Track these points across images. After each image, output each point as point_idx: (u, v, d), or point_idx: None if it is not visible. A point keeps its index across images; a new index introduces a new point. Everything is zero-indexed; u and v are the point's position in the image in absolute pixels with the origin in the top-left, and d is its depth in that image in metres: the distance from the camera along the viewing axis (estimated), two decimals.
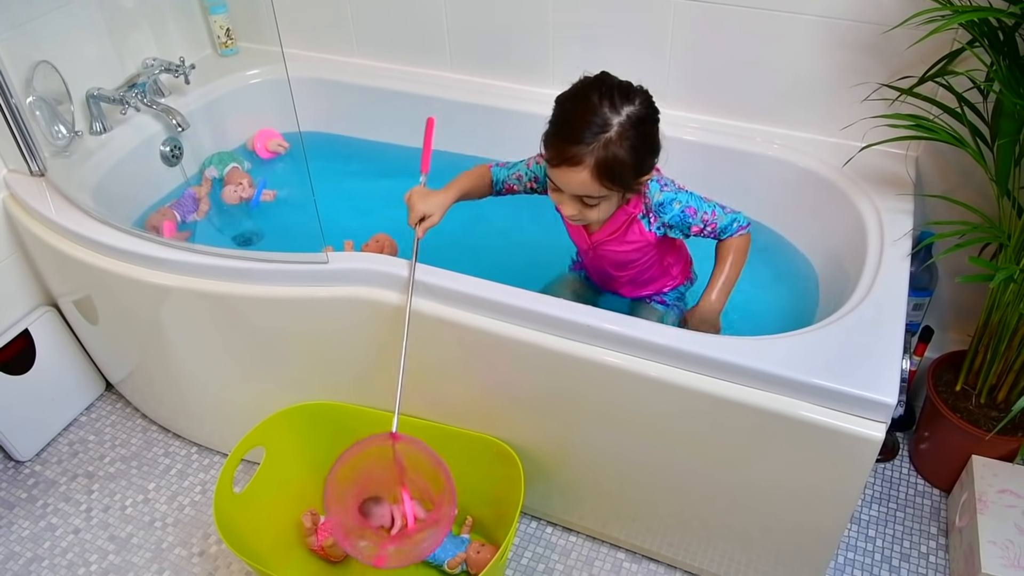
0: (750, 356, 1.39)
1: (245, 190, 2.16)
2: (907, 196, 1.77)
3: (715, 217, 1.56)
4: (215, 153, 2.27)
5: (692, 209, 1.55)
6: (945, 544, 1.84)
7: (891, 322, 1.46)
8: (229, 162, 2.24)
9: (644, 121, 1.41)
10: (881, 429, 1.34)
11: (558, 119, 1.43)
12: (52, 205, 1.83)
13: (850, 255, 1.73)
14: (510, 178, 1.71)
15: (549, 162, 1.43)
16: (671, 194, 1.55)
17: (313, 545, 1.78)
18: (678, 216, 1.55)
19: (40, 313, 2.07)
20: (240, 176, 2.19)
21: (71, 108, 1.94)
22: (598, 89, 1.40)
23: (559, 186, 1.46)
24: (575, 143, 1.37)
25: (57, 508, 1.98)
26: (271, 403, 1.79)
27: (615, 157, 1.38)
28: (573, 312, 1.48)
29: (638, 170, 1.44)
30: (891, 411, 1.33)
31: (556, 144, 1.41)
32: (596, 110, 1.37)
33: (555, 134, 1.42)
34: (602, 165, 1.38)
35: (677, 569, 1.80)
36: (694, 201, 1.56)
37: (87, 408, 2.25)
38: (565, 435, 1.66)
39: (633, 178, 1.45)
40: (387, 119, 2.34)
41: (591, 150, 1.37)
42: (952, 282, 2.00)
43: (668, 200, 1.54)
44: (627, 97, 1.40)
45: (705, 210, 1.56)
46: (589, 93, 1.40)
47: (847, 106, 1.88)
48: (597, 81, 1.42)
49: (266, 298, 1.66)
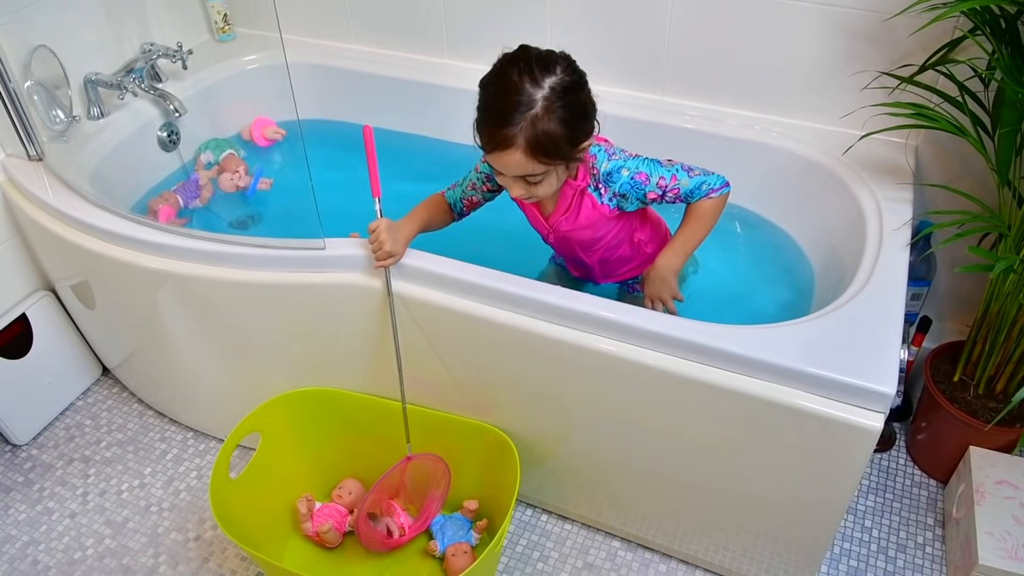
0: (747, 345, 1.38)
1: (242, 178, 2.15)
2: (906, 185, 1.76)
3: (676, 182, 1.51)
4: (211, 139, 2.26)
5: (643, 175, 1.50)
6: (942, 535, 1.84)
7: (890, 312, 1.46)
8: (225, 148, 2.23)
9: (569, 89, 1.37)
10: (879, 419, 1.33)
11: (483, 104, 1.40)
12: (50, 190, 1.82)
13: (848, 244, 1.72)
14: (465, 192, 1.68)
15: (484, 149, 1.41)
16: (619, 162, 1.51)
17: (308, 531, 1.78)
18: (628, 184, 1.51)
19: (37, 298, 2.06)
20: (236, 163, 2.19)
21: (69, 93, 1.94)
22: (516, 65, 1.36)
23: (499, 170, 1.44)
24: (503, 126, 1.35)
25: (54, 492, 1.99)
26: (267, 389, 1.79)
27: (545, 132, 1.35)
28: (570, 299, 1.48)
29: (573, 139, 1.41)
30: (890, 401, 1.33)
31: (486, 130, 1.39)
32: (518, 88, 1.34)
33: (483, 120, 1.39)
34: (533, 142, 1.35)
35: (672, 558, 1.80)
36: (645, 167, 1.51)
37: (83, 393, 2.25)
38: (561, 422, 1.66)
39: (570, 148, 1.41)
40: (385, 106, 2.33)
41: (520, 129, 1.34)
42: (950, 272, 2.00)
43: (616, 168, 1.51)
44: (547, 68, 1.36)
45: (662, 175, 1.51)
46: (509, 72, 1.36)
47: (847, 94, 1.87)
48: (515, 57, 1.38)
49: (262, 284, 1.66)
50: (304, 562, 1.78)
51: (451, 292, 1.56)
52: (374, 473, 1.87)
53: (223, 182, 2.14)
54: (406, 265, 1.57)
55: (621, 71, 2.06)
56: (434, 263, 1.56)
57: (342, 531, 1.80)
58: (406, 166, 2.29)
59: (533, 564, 1.79)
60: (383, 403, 1.75)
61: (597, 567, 1.78)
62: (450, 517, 1.80)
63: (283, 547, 1.80)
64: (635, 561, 1.79)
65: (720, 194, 1.55)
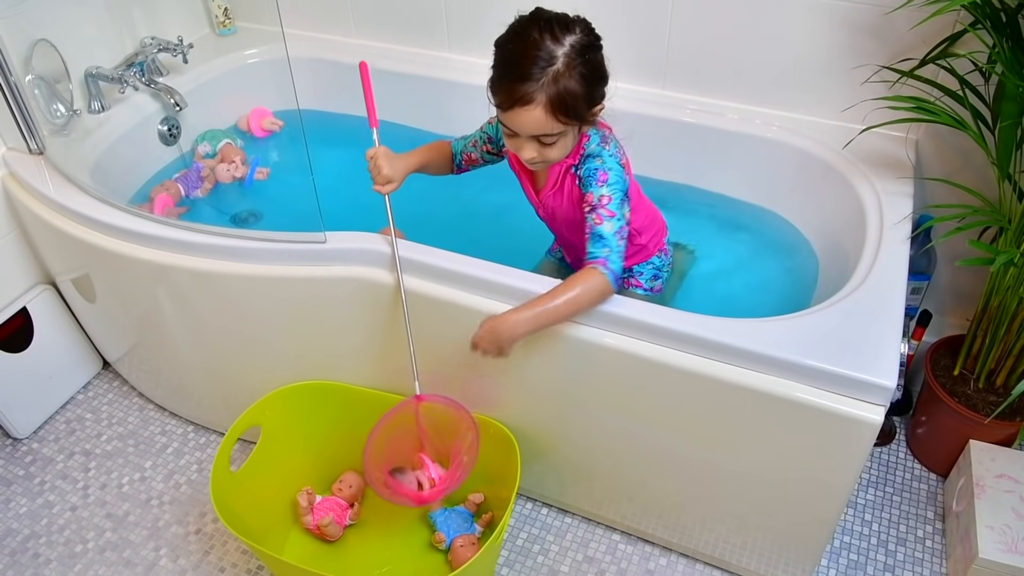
0: (748, 337, 1.38)
1: (238, 168, 2.15)
2: (907, 179, 1.76)
3: (609, 214, 1.42)
4: (207, 130, 2.27)
5: (605, 176, 1.45)
6: (942, 529, 1.84)
7: (890, 305, 1.46)
8: (222, 138, 2.23)
9: (589, 48, 1.37)
10: (880, 412, 1.34)
11: (501, 61, 1.39)
12: (50, 183, 1.82)
13: (849, 238, 1.73)
14: (467, 147, 1.68)
15: (500, 107, 1.39)
16: (603, 151, 1.48)
17: (308, 524, 1.78)
18: (591, 172, 1.47)
19: (38, 291, 2.06)
20: (234, 153, 2.18)
21: (70, 87, 1.94)
22: (536, 24, 1.36)
23: (514, 130, 1.40)
24: (524, 81, 1.33)
25: (54, 485, 1.99)
26: (268, 383, 1.79)
27: (567, 89, 1.34)
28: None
29: (590, 99, 1.40)
30: (891, 394, 1.33)
31: (504, 86, 1.36)
32: (539, 44, 1.33)
33: (501, 76, 1.37)
34: (555, 99, 1.34)
35: (673, 551, 1.80)
36: (614, 176, 1.45)
37: (84, 386, 2.25)
38: (560, 416, 1.66)
39: (587, 108, 1.41)
40: (386, 100, 2.31)
41: (541, 85, 1.33)
42: (950, 266, 2.00)
43: (595, 154, 1.48)
44: (567, 27, 1.36)
45: (612, 195, 1.44)
46: (528, 29, 1.36)
47: (847, 88, 1.87)
48: (534, 17, 1.38)
49: (263, 277, 1.66)
50: (305, 555, 1.79)
51: (449, 284, 1.56)
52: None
53: (220, 173, 2.14)
54: (403, 258, 1.57)
55: (621, 65, 2.01)
56: (431, 255, 1.56)
57: (343, 524, 1.80)
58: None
59: (533, 557, 1.79)
60: (384, 396, 1.75)
61: (597, 560, 1.79)
62: (453, 510, 1.80)
63: (284, 540, 1.80)
64: (635, 554, 1.80)
65: (605, 277, 1.40)
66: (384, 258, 1.59)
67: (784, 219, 2.01)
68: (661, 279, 1.81)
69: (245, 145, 2.29)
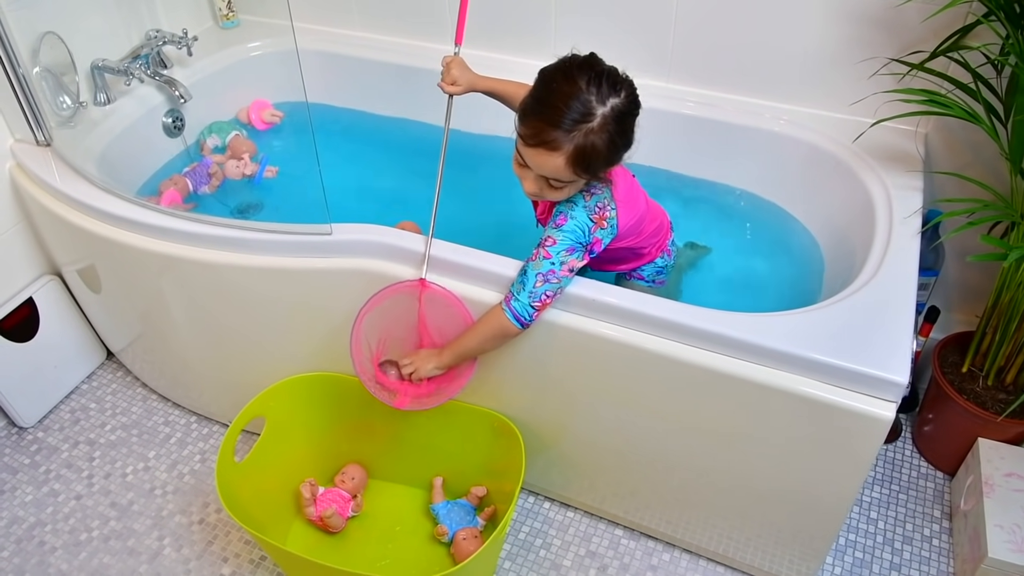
0: (756, 332, 1.37)
1: (248, 166, 2.14)
2: (916, 173, 1.74)
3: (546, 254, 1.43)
4: (213, 122, 2.26)
5: (563, 220, 1.45)
6: (949, 527, 1.83)
7: (901, 301, 1.45)
8: (230, 131, 2.23)
9: (626, 115, 1.36)
10: (891, 408, 1.33)
11: (540, 97, 1.37)
12: (57, 175, 1.82)
13: (858, 232, 1.71)
14: None
15: (524, 139, 1.37)
16: (581, 200, 1.46)
17: (311, 516, 1.78)
18: (557, 212, 1.47)
19: (44, 282, 2.07)
20: (244, 145, 2.18)
21: (76, 79, 1.93)
22: (587, 73, 1.34)
23: (528, 164, 1.39)
24: (556, 127, 1.32)
25: (59, 474, 1.99)
26: (272, 374, 1.79)
27: (593, 147, 1.33)
28: (575, 286, 1.47)
29: (609, 162, 1.39)
30: (902, 391, 1.32)
31: (536, 124, 1.35)
32: (583, 96, 1.32)
33: (536, 112, 1.36)
34: (579, 153, 1.33)
35: (675, 547, 1.79)
36: (572, 225, 1.44)
37: (88, 376, 2.25)
38: (564, 409, 1.65)
39: (604, 168, 1.41)
40: (390, 93, 2.32)
41: (571, 137, 1.32)
42: (959, 262, 1.98)
43: (572, 199, 1.46)
44: (614, 88, 1.34)
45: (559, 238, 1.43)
46: (577, 75, 1.34)
47: (855, 81, 1.85)
48: (586, 64, 1.36)
49: (268, 268, 1.65)
50: (307, 546, 1.78)
51: (455, 277, 1.55)
52: (377, 459, 1.87)
53: (229, 169, 2.14)
54: (410, 250, 1.56)
55: (625, 56, 1.97)
56: (437, 248, 1.55)
57: (345, 516, 1.80)
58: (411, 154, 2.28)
59: (536, 551, 1.79)
60: None
61: (600, 555, 1.78)
62: (456, 503, 1.80)
63: (286, 531, 1.80)
64: (638, 550, 1.79)
65: (504, 316, 1.45)
66: (390, 250, 1.58)
67: (789, 213, 1.99)
68: (664, 274, 1.80)
69: (261, 138, 2.28)
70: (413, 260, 1.57)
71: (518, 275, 1.46)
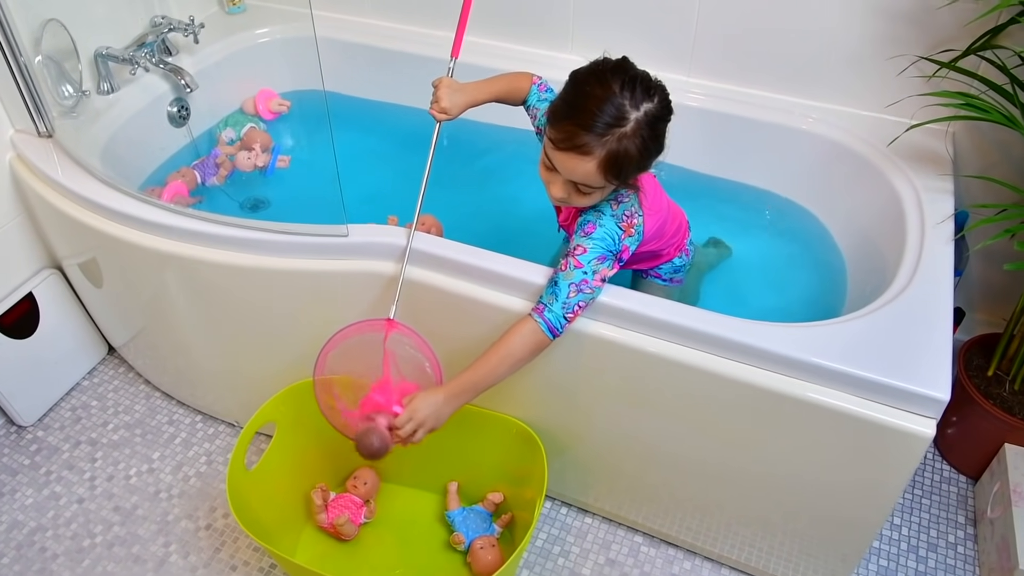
0: (790, 344, 1.33)
1: (259, 157, 2.08)
2: (946, 175, 1.69)
3: (577, 263, 1.36)
4: (231, 114, 2.19)
5: (592, 229, 1.40)
6: (973, 534, 1.80)
7: (937, 311, 1.41)
8: (246, 123, 2.16)
9: (659, 120, 1.32)
10: (931, 425, 1.29)
11: (572, 100, 1.32)
12: (59, 167, 1.75)
13: (886, 236, 1.67)
14: (540, 102, 1.62)
15: (554, 143, 1.32)
16: (608, 208, 1.42)
17: (323, 523, 1.73)
18: (585, 221, 1.42)
19: (44, 276, 2.00)
20: (259, 137, 2.11)
21: (79, 67, 1.86)
22: (620, 77, 1.29)
23: (557, 168, 1.35)
24: (588, 131, 1.28)
25: (60, 476, 1.93)
26: (281, 375, 1.73)
27: (626, 152, 1.29)
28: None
29: (640, 168, 1.36)
30: (943, 407, 1.28)
31: (567, 127, 1.30)
32: (616, 100, 1.28)
33: (567, 116, 1.31)
34: (612, 159, 1.29)
35: (697, 555, 1.75)
36: (602, 232, 1.39)
37: (89, 372, 2.19)
38: (582, 414, 1.60)
39: (635, 174, 1.37)
40: (400, 81, 2.26)
41: (603, 142, 1.28)
42: (983, 261, 1.94)
43: (599, 208, 1.42)
44: (648, 92, 1.30)
45: (590, 247, 1.38)
46: (610, 79, 1.29)
47: (884, 79, 1.81)
48: (619, 68, 1.32)
49: (281, 271, 1.60)
50: (318, 554, 1.74)
51: (463, 279, 1.51)
52: (389, 462, 1.82)
53: (240, 161, 2.08)
54: (429, 254, 1.51)
55: (644, 50, 1.98)
56: (444, 248, 1.51)
57: (357, 523, 1.75)
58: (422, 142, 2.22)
59: (554, 559, 1.75)
60: None
61: (619, 563, 1.74)
62: (472, 509, 1.75)
63: (297, 538, 1.75)
64: (658, 558, 1.75)
65: (538, 327, 1.36)
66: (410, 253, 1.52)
67: (811, 214, 1.95)
68: (681, 272, 1.76)
69: (268, 129, 2.22)
70: (432, 263, 1.52)
71: (548, 286, 1.40)
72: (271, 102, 2.24)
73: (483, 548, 1.67)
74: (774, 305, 1.84)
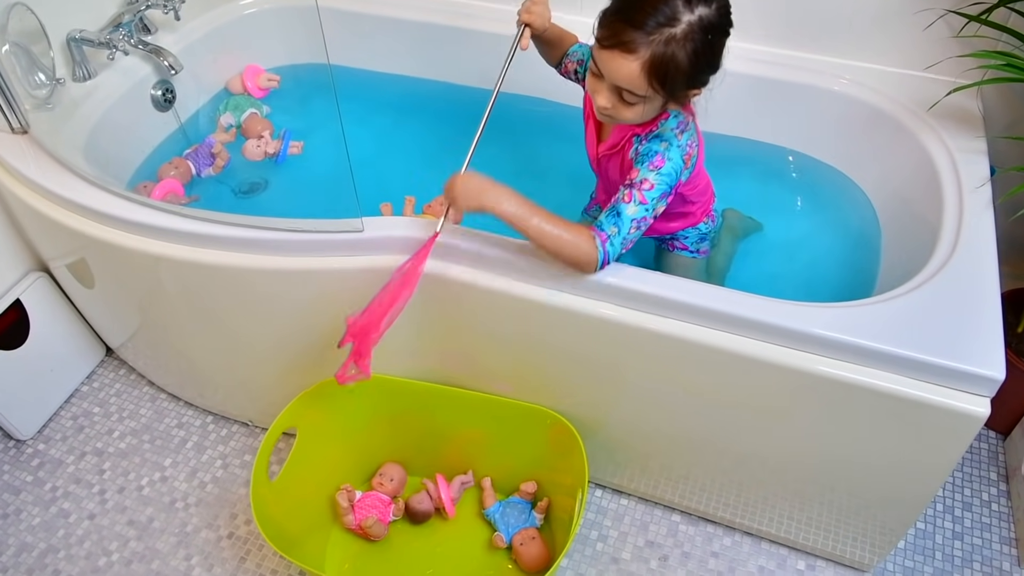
0: (835, 326, 1.28)
1: (270, 144, 1.95)
2: (979, 136, 1.63)
3: (643, 199, 1.30)
4: (229, 98, 2.06)
5: (661, 163, 1.32)
6: (1007, 490, 1.79)
7: (985, 284, 1.37)
8: (246, 107, 2.03)
9: (714, 28, 1.24)
10: (986, 404, 1.25)
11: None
12: (37, 166, 1.62)
13: (922, 201, 1.62)
14: (574, 54, 1.57)
15: (600, 42, 1.26)
16: (675, 139, 1.35)
17: (350, 524, 1.67)
18: (650, 152, 1.34)
19: (31, 280, 1.87)
20: (259, 124, 1.99)
21: (51, 54, 1.70)
22: None
23: (602, 71, 1.28)
24: (636, 28, 1.21)
25: (68, 491, 1.84)
26: (294, 373, 1.66)
27: (673, 57, 1.22)
28: (628, 279, 1.36)
29: (691, 80, 1.28)
30: (997, 385, 1.24)
31: (614, 24, 1.24)
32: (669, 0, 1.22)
33: (616, 12, 1.25)
34: (657, 61, 1.22)
35: (736, 530, 1.73)
36: (670, 167, 1.33)
37: (88, 377, 2.07)
38: (612, 397, 1.55)
39: (683, 87, 1.29)
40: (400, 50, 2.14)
41: (651, 41, 1.21)
42: (1006, 216, 1.89)
43: (665, 138, 1.35)
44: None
45: (657, 183, 1.31)
46: None
47: (912, 36, 1.74)
48: None
49: (290, 271, 1.49)
50: (348, 556, 1.68)
51: (485, 269, 1.42)
52: (416, 457, 1.77)
53: (249, 150, 1.95)
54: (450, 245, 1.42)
55: None
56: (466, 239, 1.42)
57: (386, 522, 1.69)
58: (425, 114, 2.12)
59: (592, 545, 1.71)
60: (427, 387, 1.64)
61: (659, 544, 1.71)
62: (507, 502, 1.70)
63: (325, 541, 1.69)
64: (698, 536, 1.72)
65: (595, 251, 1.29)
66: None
67: (845, 175, 1.89)
68: (707, 241, 1.70)
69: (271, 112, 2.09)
70: (455, 256, 1.43)
71: (610, 214, 1.31)
72: (259, 78, 2.11)
73: (523, 544, 1.63)
74: (807, 271, 1.79)
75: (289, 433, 1.63)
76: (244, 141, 2.01)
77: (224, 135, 1.99)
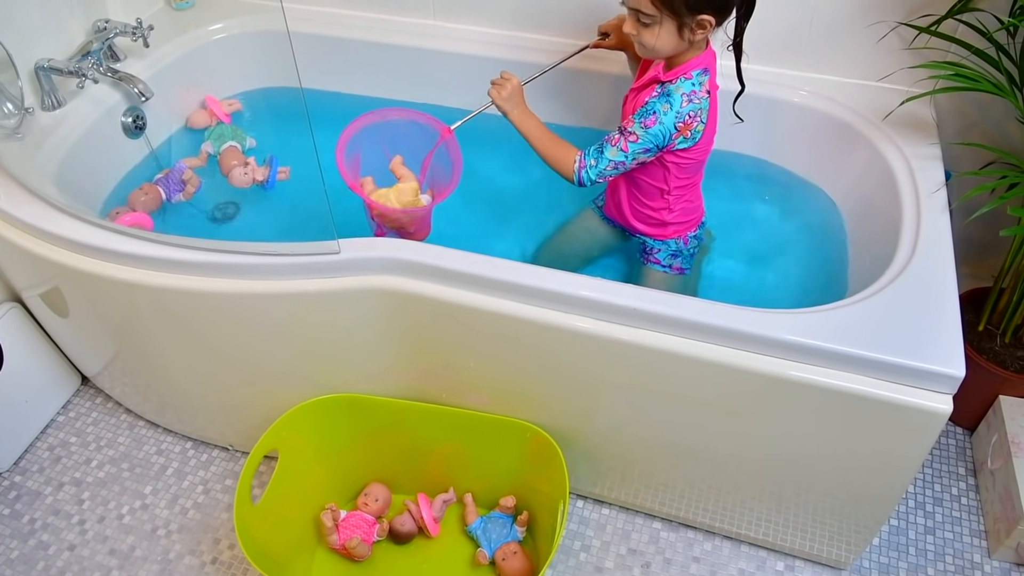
0: (800, 331, 1.32)
1: (257, 171, 1.96)
2: (933, 142, 1.69)
3: (625, 147, 1.51)
4: (215, 127, 2.08)
5: (654, 120, 1.49)
6: (975, 484, 1.84)
7: (943, 286, 1.42)
8: (228, 139, 2.03)
9: None
10: (948, 401, 1.30)
11: None
12: (7, 195, 1.60)
13: (881, 208, 1.67)
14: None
15: None
16: (679, 101, 1.48)
17: (334, 544, 1.68)
18: (652, 106, 1.50)
19: (4, 311, 1.86)
20: (234, 158, 1.99)
21: (18, 83, 1.70)
22: None
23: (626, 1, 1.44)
24: None
25: (46, 523, 1.82)
26: (275, 396, 1.67)
27: None
28: (601, 292, 1.39)
29: (693, 3, 1.38)
30: (958, 383, 1.29)
31: None
32: None
33: None
34: None
35: (716, 535, 1.76)
36: (659, 128, 1.49)
37: (64, 406, 2.06)
38: (589, 409, 1.58)
39: (685, 8, 1.39)
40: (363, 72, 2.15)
41: None
42: (963, 218, 1.96)
43: (672, 97, 1.49)
44: None
45: (642, 137, 1.50)
46: None
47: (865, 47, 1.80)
48: None
49: (267, 294, 1.50)
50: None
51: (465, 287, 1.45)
52: (398, 475, 1.78)
53: (236, 177, 1.95)
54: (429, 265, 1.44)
55: None
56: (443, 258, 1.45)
57: (370, 542, 1.70)
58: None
59: (576, 555, 1.73)
60: (406, 405, 1.65)
61: (641, 552, 1.74)
62: (489, 517, 1.72)
63: (310, 563, 1.70)
64: (679, 542, 1.75)
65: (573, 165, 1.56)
66: (407, 266, 1.46)
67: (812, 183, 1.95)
68: (680, 259, 1.75)
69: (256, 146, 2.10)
70: (431, 275, 1.45)
71: (597, 148, 1.55)
72: (222, 104, 2.12)
73: (505, 559, 1.64)
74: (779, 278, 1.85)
75: (271, 456, 1.63)
76: (217, 166, 2.01)
77: (195, 160, 1.99)
